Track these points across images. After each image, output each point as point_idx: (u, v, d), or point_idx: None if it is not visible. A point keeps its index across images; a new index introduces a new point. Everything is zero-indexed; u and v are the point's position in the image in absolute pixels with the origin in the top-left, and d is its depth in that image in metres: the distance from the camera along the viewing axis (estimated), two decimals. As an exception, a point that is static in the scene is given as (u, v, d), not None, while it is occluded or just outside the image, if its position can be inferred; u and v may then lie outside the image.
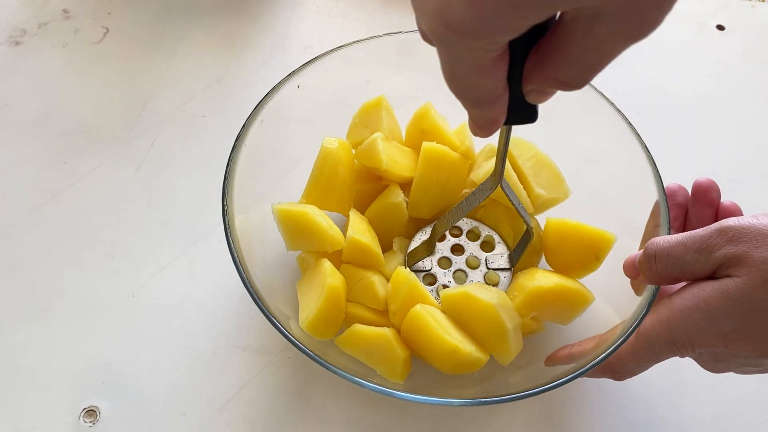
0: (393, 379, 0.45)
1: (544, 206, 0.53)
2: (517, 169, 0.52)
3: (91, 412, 0.48)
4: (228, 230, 0.45)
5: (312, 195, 0.50)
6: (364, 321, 0.47)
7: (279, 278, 0.50)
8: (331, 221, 0.48)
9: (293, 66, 0.53)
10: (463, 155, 0.52)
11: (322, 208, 0.49)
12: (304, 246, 0.49)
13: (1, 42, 0.69)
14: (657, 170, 0.48)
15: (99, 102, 0.65)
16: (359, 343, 0.45)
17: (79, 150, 0.61)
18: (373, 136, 0.50)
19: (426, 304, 0.46)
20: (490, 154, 0.53)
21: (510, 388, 0.42)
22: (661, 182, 0.48)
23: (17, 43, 0.69)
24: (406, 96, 0.55)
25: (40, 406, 0.48)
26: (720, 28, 0.76)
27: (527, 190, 0.52)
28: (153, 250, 0.56)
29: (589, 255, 0.48)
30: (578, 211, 0.52)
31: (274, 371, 0.50)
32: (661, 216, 0.46)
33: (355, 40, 0.54)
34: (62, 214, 0.57)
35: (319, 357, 0.41)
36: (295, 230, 0.48)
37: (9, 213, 0.57)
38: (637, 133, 0.50)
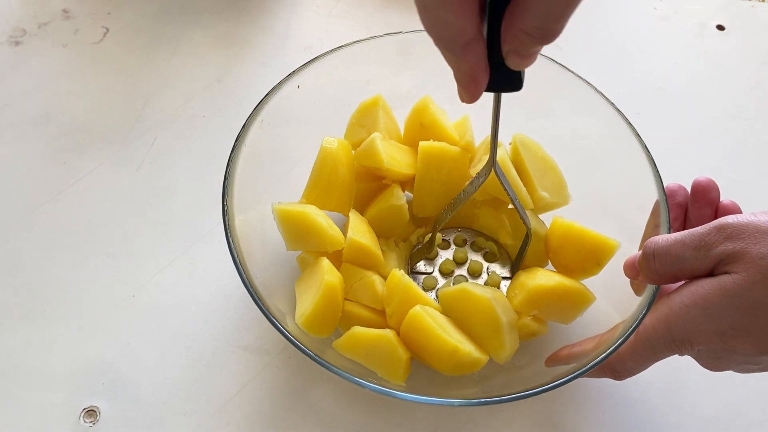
0: (394, 381, 0.45)
1: (544, 209, 0.53)
2: (523, 169, 0.52)
3: (91, 412, 0.48)
4: (228, 230, 0.45)
5: (312, 195, 0.50)
6: (362, 320, 0.47)
7: (279, 278, 0.50)
8: (331, 221, 0.48)
9: (293, 66, 0.53)
10: (463, 149, 0.52)
11: (322, 208, 0.49)
12: (304, 246, 0.49)
13: (1, 42, 0.69)
14: (657, 170, 0.48)
15: (99, 102, 0.65)
16: (359, 345, 0.45)
17: (79, 150, 0.61)
18: (372, 137, 0.50)
19: (424, 305, 0.46)
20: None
21: (510, 388, 0.42)
22: (661, 182, 0.48)
23: (17, 43, 0.69)
24: (406, 96, 0.55)
25: (40, 406, 0.48)
26: (720, 28, 0.76)
27: (531, 191, 0.51)
28: (153, 250, 0.56)
29: (590, 260, 0.48)
30: (578, 212, 0.52)
31: (273, 371, 0.50)
32: (661, 216, 0.46)
33: (355, 40, 0.54)
34: (62, 214, 0.57)
35: (319, 357, 0.41)
36: (295, 230, 0.48)
37: (9, 213, 0.57)
38: (637, 133, 0.50)
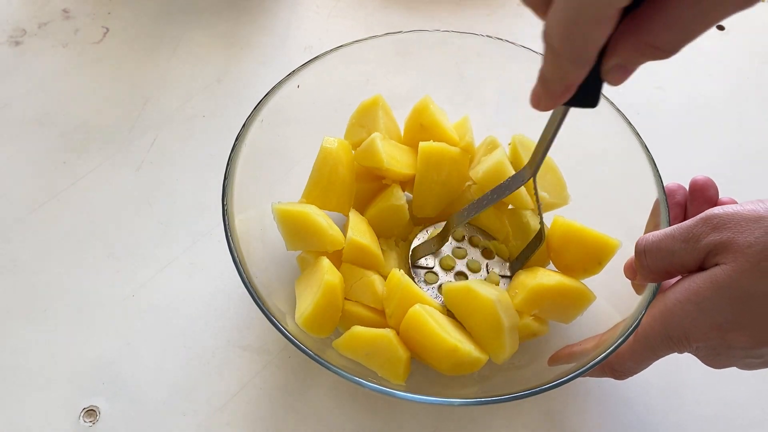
0: (394, 381, 0.45)
1: (544, 209, 0.53)
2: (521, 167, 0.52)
3: (91, 412, 0.48)
4: (228, 230, 0.45)
5: (312, 195, 0.50)
6: (362, 319, 0.47)
7: (279, 278, 0.50)
8: (331, 221, 0.48)
9: (293, 66, 0.53)
10: (463, 150, 0.52)
11: (322, 208, 0.49)
12: (304, 246, 0.49)
13: (1, 42, 0.69)
14: (657, 170, 0.48)
15: (99, 102, 0.65)
16: (359, 345, 0.45)
17: (79, 150, 0.61)
18: (372, 137, 0.50)
19: (424, 304, 0.46)
20: (490, 147, 0.53)
21: (510, 388, 0.42)
22: (661, 182, 0.48)
23: (17, 43, 0.69)
24: (406, 96, 0.55)
25: (40, 406, 0.48)
26: (720, 28, 0.76)
27: (530, 191, 0.52)
28: (153, 250, 0.56)
29: (591, 259, 0.48)
30: (578, 211, 0.52)
31: (274, 371, 0.50)
32: (661, 215, 0.46)
33: (355, 40, 0.54)
34: (62, 214, 0.57)
35: (318, 357, 0.41)
36: (295, 230, 0.48)
37: (9, 213, 0.57)
38: (637, 133, 0.50)
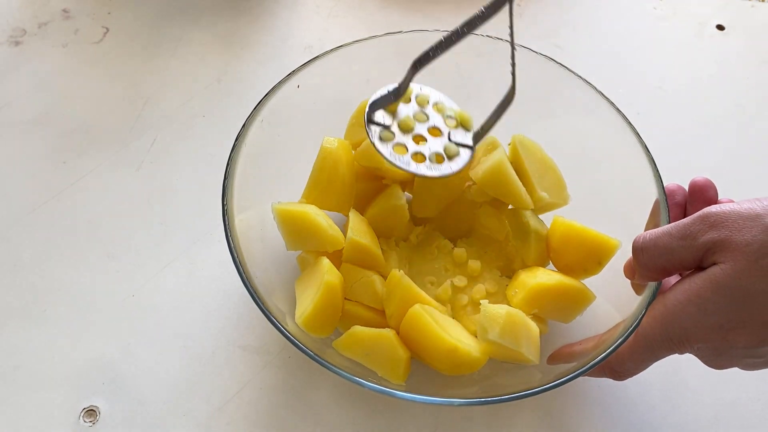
0: (394, 381, 0.45)
1: (544, 209, 0.53)
2: (522, 169, 0.52)
3: (91, 412, 0.48)
4: (228, 230, 0.45)
5: (312, 195, 0.50)
6: (362, 319, 0.47)
7: (279, 278, 0.50)
8: (331, 221, 0.48)
9: (293, 66, 0.53)
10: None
11: (322, 208, 0.49)
12: (304, 246, 0.49)
13: (1, 42, 0.69)
14: (657, 170, 0.48)
15: (99, 102, 0.65)
16: (359, 344, 0.45)
17: (79, 150, 0.61)
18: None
19: (424, 304, 0.46)
20: (490, 148, 0.53)
21: (510, 388, 0.42)
22: (661, 182, 0.48)
23: (17, 43, 0.69)
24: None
25: (40, 406, 0.48)
26: (720, 28, 0.76)
27: (530, 191, 0.51)
28: (153, 250, 0.56)
29: (591, 259, 0.48)
30: (578, 211, 0.52)
31: (273, 371, 0.50)
32: (661, 216, 0.46)
33: (355, 40, 0.54)
34: (62, 214, 0.57)
35: (318, 357, 0.41)
36: (295, 230, 0.48)
37: (9, 213, 0.57)
38: (637, 133, 0.50)
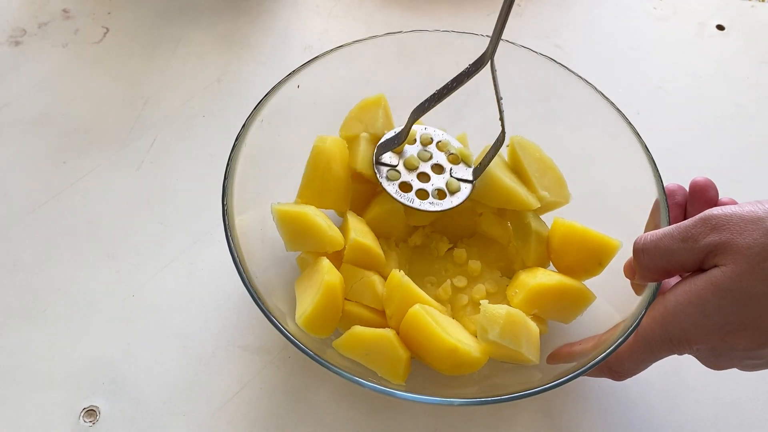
0: (394, 381, 0.45)
1: (545, 209, 0.53)
2: (522, 170, 0.52)
3: (91, 412, 0.48)
4: (228, 230, 0.45)
5: (306, 193, 0.50)
6: (362, 320, 0.47)
7: (279, 278, 0.50)
8: (330, 222, 0.48)
9: (293, 66, 0.53)
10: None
11: (318, 207, 0.49)
12: (303, 246, 0.49)
13: (1, 42, 0.69)
14: (657, 170, 0.48)
15: (99, 102, 0.65)
16: (359, 344, 0.45)
17: (79, 150, 0.61)
18: (361, 136, 0.51)
19: (424, 305, 0.46)
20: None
21: (510, 388, 0.42)
22: (661, 182, 0.48)
23: (17, 43, 0.69)
24: (406, 96, 0.55)
25: (40, 406, 0.48)
26: (720, 28, 0.76)
27: (531, 191, 0.51)
28: (153, 250, 0.56)
29: (592, 260, 0.48)
30: (578, 212, 0.52)
31: (273, 371, 0.50)
32: (661, 216, 0.46)
33: (355, 40, 0.54)
34: (62, 214, 0.57)
35: (319, 357, 0.41)
36: (295, 231, 0.48)
37: (9, 213, 0.57)
38: (637, 133, 0.50)
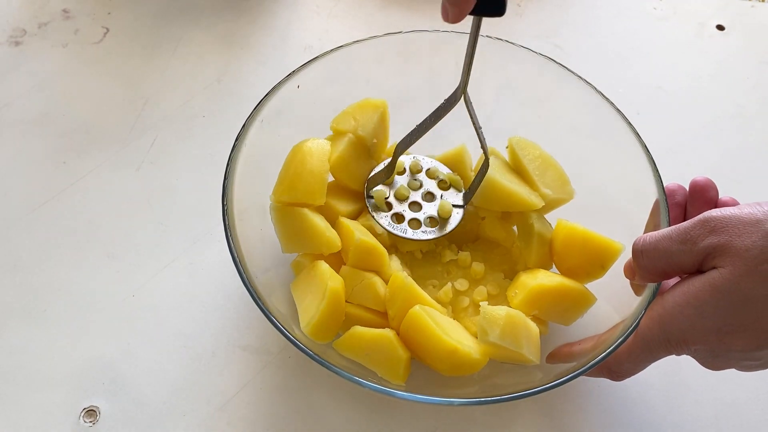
0: (394, 381, 0.45)
1: (550, 206, 0.53)
2: (522, 170, 0.52)
3: (91, 412, 0.48)
4: (228, 230, 0.45)
5: (279, 189, 0.48)
6: (364, 322, 0.47)
7: (279, 278, 0.50)
8: (328, 224, 0.48)
9: (293, 66, 0.53)
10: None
11: (291, 199, 0.48)
12: (300, 247, 0.49)
13: (1, 42, 0.69)
14: (657, 170, 0.48)
15: (99, 102, 0.65)
16: (359, 345, 0.45)
17: (79, 150, 0.61)
18: (348, 135, 0.51)
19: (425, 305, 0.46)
20: (475, 168, 0.53)
21: (510, 388, 0.42)
22: (661, 182, 0.48)
23: (17, 43, 0.69)
24: (406, 96, 0.55)
25: (40, 406, 0.48)
26: (720, 28, 0.76)
27: (534, 190, 0.51)
28: (153, 250, 0.56)
29: (594, 263, 0.48)
30: (578, 212, 0.52)
31: (274, 371, 0.50)
32: (661, 216, 0.46)
33: (355, 40, 0.54)
34: (62, 214, 0.57)
35: (319, 357, 0.41)
36: (292, 230, 0.48)
37: (9, 213, 0.57)
38: (637, 133, 0.50)
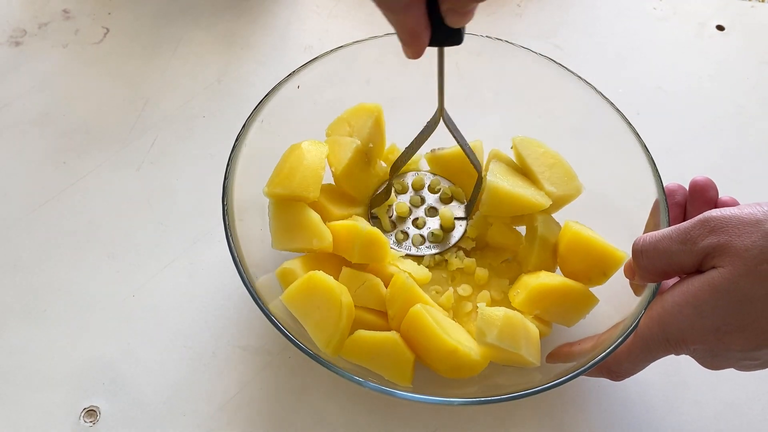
0: (401, 383, 0.44)
1: (558, 203, 0.52)
2: (527, 168, 0.52)
3: (91, 412, 0.48)
4: (228, 230, 0.45)
5: (273, 182, 0.48)
6: (366, 323, 0.47)
7: (279, 278, 0.50)
8: (320, 219, 0.48)
9: (293, 66, 0.53)
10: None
11: (284, 192, 0.47)
12: (290, 242, 0.48)
13: (1, 42, 0.69)
14: (657, 170, 0.48)
15: (99, 102, 0.65)
16: (364, 349, 0.45)
17: (79, 150, 0.61)
18: (354, 143, 0.51)
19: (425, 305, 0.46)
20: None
21: (510, 388, 0.42)
22: (661, 182, 0.48)
23: (17, 43, 0.69)
24: (406, 97, 0.55)
25: (40, 406, 0.48)
26: (720, 28, 0.76)
27: (539, 189, 0.51)
28: (153, 250, 0.56)
29: (596, 269, 0.48)
30: (578, 212, 0.52)
31: (274, 371, 0.50)
32: (661, 215, 0.46)
33: (355, 40, 0.54)
34: (62, 214, 0.57)
35: (320, 357, 0.41)
36: (285, 224, 0.47)
37: (9, 213, 0.57)
38: (637, 133, 0.50)
